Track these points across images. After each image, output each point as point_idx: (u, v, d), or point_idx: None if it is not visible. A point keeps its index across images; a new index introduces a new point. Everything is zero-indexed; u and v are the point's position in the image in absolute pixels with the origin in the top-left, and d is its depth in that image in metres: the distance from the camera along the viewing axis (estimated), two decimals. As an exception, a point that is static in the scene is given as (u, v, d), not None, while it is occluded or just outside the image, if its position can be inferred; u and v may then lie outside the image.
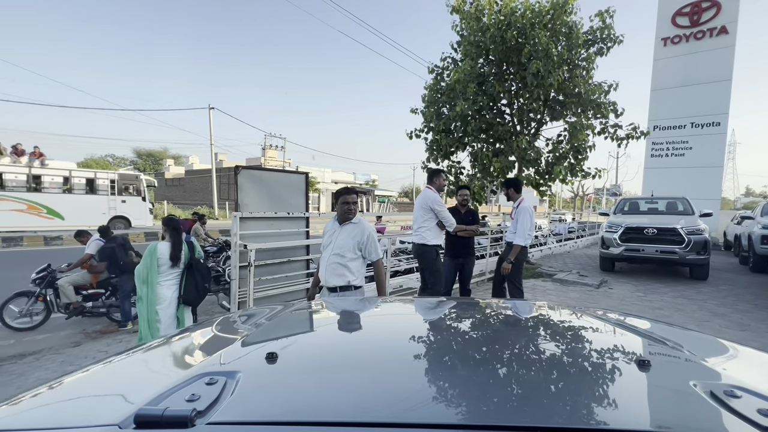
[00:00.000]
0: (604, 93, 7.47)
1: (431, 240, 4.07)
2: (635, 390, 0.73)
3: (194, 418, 0.55)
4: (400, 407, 0.65)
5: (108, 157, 59.90)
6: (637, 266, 9.10)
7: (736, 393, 0.66)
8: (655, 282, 7.51)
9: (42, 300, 5.20)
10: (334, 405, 0.66)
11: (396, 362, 0.87)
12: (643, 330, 1.15)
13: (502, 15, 7.32)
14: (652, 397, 0.71)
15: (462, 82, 7.40)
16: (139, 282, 3.68)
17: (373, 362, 0.89)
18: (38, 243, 14.01)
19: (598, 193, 44.31)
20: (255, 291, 4.16)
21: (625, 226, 7.94)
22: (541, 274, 8.16)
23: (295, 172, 4.87)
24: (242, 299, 4.07)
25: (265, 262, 4.22)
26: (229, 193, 35.76)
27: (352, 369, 0.84)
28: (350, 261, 2.83)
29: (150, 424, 0.56)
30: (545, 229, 14.94)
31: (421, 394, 0.70)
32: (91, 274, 5.38)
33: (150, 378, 0.81)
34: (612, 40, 7.46)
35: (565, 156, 7.64)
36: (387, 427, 0.57)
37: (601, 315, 1.32)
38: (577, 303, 5.89)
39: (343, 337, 1.12)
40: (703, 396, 0.67)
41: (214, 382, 0.68)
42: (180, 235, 3.83)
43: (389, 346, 1.01)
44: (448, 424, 0.59)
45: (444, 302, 1.63)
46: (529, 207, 4.48)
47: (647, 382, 0.76)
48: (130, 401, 0.65)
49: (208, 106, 27.53)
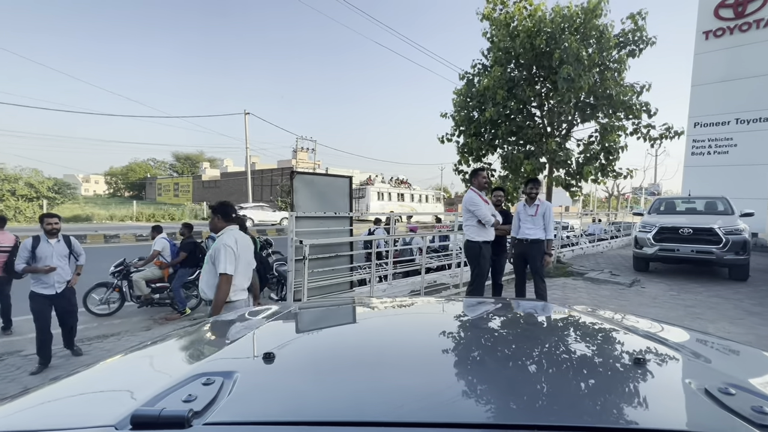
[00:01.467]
0: (636, 94, 7.52)
1: (474, 237, 4.44)
2: (631, 388, 0.73)
3: (191, 419, 0.55)
4: (396, 407, 0.65)
5: (149, 161, 63.82)
6: (672, 267, 9.00)
7: (731, 390, 0.66)
8: (690, 282, 7.47)
9: (118, 291, 6.03)
10: (331, 405, 0.67)
11: (392, 362, 0.88)
12: (640, 329, 1.17)
13: (531, 21, 7.54)
14: (648, 394, 0.71)
15: (492, 88, 7.69)
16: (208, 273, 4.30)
17: (369, 362, 0.90)
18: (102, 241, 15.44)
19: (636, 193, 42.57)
20: (308, 282, 4.69)
21: (660, 225, 7.92)
22: (572, 272, 8.29)
23: (340, 176, 5.39)
24: (296, 289, 4.61)
25: (316, 256, 4.75)
26: (262, 195, 37.29)
27: (349, 369, 0.85)
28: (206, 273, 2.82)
29: (147, 424, 0.56)
30: (577, 229, 14.79)
31: (418, 393, 0.71)
32: (162, 270, 6.17)
33: (147, 378, 0.81)
34: (644, 42, 7.50)
35: (595, 157, 7.75)
36: (384, 427, 0.57)
37: (599, 315, 1.33)
38: (605, 301, 6.06)
39: (340, 338, 1.13)
40: (698, 393, 0.68)
41: (211, 383, 0.68)
42: (246, 230, 4.42)
43: (386, 346, 1.02)
44: (445, 423, 0.59)
45: (442, 302, 1.66)
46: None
47: (643, 380, 0.76)
48: (126, 402, 0.65)
49: (243, 112, 28.90)
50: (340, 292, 5.24)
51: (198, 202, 36.22)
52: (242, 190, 33.69)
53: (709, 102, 15.35)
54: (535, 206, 4.71)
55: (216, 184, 44.75)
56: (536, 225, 4.71)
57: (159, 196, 51.69)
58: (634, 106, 7.53)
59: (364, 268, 6.16)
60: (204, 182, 46.31)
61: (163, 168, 63.96)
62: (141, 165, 61.76)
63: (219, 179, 45.36)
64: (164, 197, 50.28)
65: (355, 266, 5.60)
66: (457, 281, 6.50)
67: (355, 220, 5.63)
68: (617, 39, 7.54)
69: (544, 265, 4.71)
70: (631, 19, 7.56)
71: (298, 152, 36.57)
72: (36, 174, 22.90)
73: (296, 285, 4.60)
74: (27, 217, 20.21)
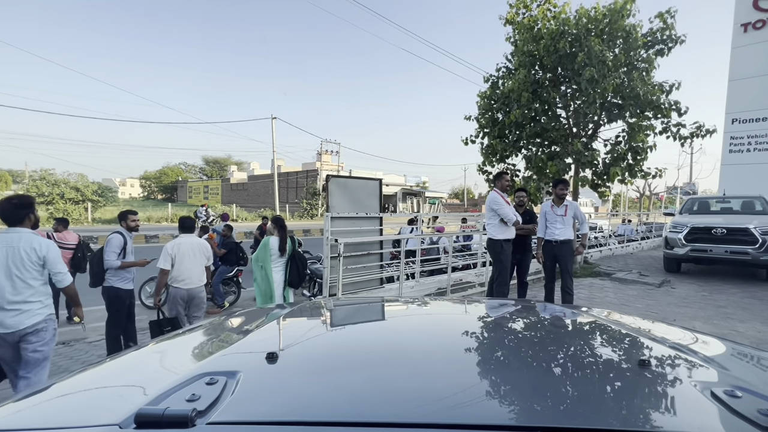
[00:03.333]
0: (665, 93, 7.44)
1: (496, 235, 4.67)
2: (637, 390, 0.73)
3: (194, 418, 0.56)
4: (399, 407, 0.66)
5: (181, 165, 66.70)
6: (705, 268, 8.80)
7: (737, 393, 0.66)
8: (724, 283, 7.32)
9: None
10: (333, 405, 0.67)
11: (395, 362, 0.89)
12: (650, 332, 1.17)
13: (555, 24, 7.60)
14: (655, 397, 0.70)
15: (516, 91, 7.81)
16: (256, 268, 4.69)
17: (372, 362, 0.90)
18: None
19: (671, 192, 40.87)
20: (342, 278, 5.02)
21: (691, 225, 7.79)
22: (599, 273, 8.26)
23: (371, 179, 5.70)
24: (332, 284, 4.94)
25: (350, 254, 5.07)
26: (288, 196, 38.30)
27: (352, 369, 0.85)
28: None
29: (150, 423, 0.56)
30: (606, 230, 14.51)
31: (421, 394, 0.71)
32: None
33: (150, 378, 0.81)
34: (673, 41, 7.42)
35: (622, 157, 7.71)
36: (386, 427, 0.58)
37: (605, 317, 1.33)
38: (632, 300, 6.07)
39: (343, 338, 1.13)
40: (704, 396, 0.67)
41: (215, 382, 0.69)
42: (285, 231, 4.80)
43: (389, 347, 1.03)
44: (449, 424, 0.59)
45: (446, 302, 1.67)
46: None
47: (649, 382, 0.76)
48: (130, 401, 0.65)
49: (270, 117, 29.80)
50: (371, 289, 5.54)
51: (227, 204, 37.57)
52: (268, 192, 34.74)
53: (747, 97, 14.69)
54: (563, 206, 4.84)
55: (243, 187, 46.27)
56: (566, 225, 4.83)
57: (190, 199, 53.95)
58: (663, 105, 7.45)
59: (392, 266, 6.44)
60: (232, 185, 47.99)
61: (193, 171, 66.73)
62: (173, 169, 64.68)
63: (246, 182, 46.87)
64: (194, 199, 52.41)
65: (385, 264, 5.89)
66: (482, 279, 6.67)
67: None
68: (645, 39, 7.49)
69: (575, 257, 4.84)
70: (660, 18, 7.50)
71: (323, 155, 37.31)
72: (81, 178, 24.53)
73: (331, 281, 4.93)
74: (74, 219, 21.68)
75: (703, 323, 4.84)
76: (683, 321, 4.96)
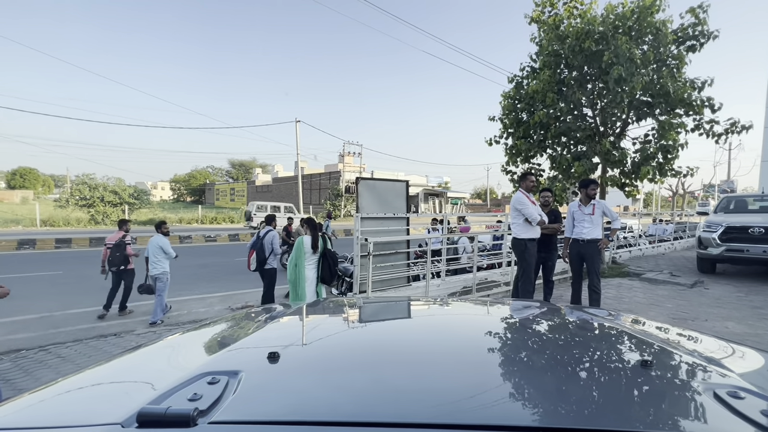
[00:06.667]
0: (696, 89, 7.26)
1: (520, 234, 4.75)
2: (640, 391, 0.73)
3: (196, 417, 0.56)
4: (401, 407, 0.65)
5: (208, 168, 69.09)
6: (742, 268, 8.49)
7: (740, 394, 0.66)
8: (762, 284, 7.07)
9: None
10: (335, 405, 0.67)
11: (398, 362, 0.89)
12: (650, 333, 1.17)
13: (582, 23, 7.55)
14: (657, 398, 0.70)
15: (541, 91, 7.80)
16: (290, 266, 4.97)
17: (374, 362, 0.90)
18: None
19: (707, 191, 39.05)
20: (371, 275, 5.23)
21: (726, 225, 7.56)
22: (628, 273, 8.13)
23: (398, 181, 5.89)
24: (361, 282, 5.16)
25: (378, 252, 5.27)
26: (311, 198, 39.03)
27: (354, 369, 0.85)
28: None
29: (152, 422, 0.57)
30: (636, 229, 14.13)
31: (423, 394, 0.71)
32: None
33: (152, 377, 0.81)
34: (705, 36, 7.23)
35: (652, 156, 7.57)
36: (389, 427, 0.58)
37: (610, 318, 1.33)
38: (662, 300, 5.99)
39: (345, 337, 1.12)
40: (707, 397, 0.67)
41: (216, 382, 0.69)
42: (317, 230, 5.06)
43: (391, 347, 1.03)
44: (451, 425, 0.59)
45: (448, 303, 1.64)
46: None
47: (653, 384, 0.76)
48: (132, 400, 0.65)
49: (294, 120, 30.49)
50: (398, 287, 5.72)
51: (253, 205, 38.64)
52: (292, 194, 35.50)
53: (790, 90, 13.98)
54: (591, 206, 4.88)
55: (268, 189, 47.44)
56: (594, 224, 4.86)
57: (217, 201, 55.81)
58: (695, 102, 7.26)
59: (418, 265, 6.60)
60: (257, 187, 49.29)
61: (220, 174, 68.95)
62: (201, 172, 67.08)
63: (271, 184, 48.04)
64: (221, 201, 54.19)
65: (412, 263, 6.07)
66: (507, 279, 6.73)
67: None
68: (675, 35, 7.33)
69: (602, 256, 4.86)
70: (692, 13, 7.32)
71: (345, 156, 37.82)
72: (119, 182, 25.91)
73: (361, 278, 5.15)
74: (112, 221, 22.95)
75: (737, 323, 4.76)
76: (716, 321, 4.88)
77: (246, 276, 9.14)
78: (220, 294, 7.41)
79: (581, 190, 5.02)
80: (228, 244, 16.75)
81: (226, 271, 10.18)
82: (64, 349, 4.56)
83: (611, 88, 6.90)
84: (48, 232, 17.75)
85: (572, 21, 7.86)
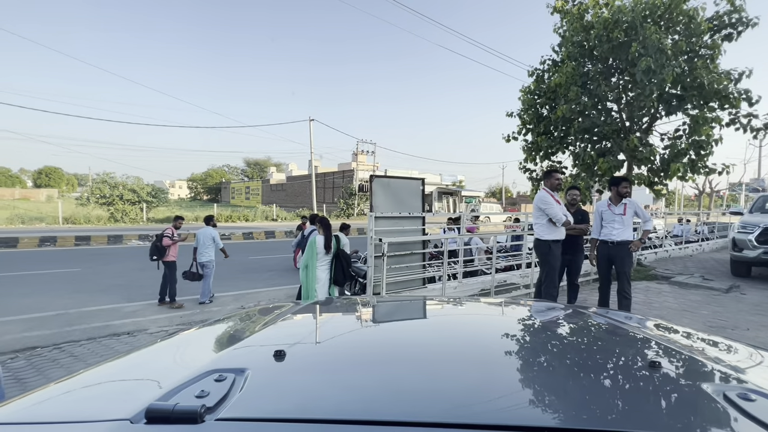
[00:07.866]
0: (733, 81, 6.79)
1: (543, 235, 4.47)
2: (650, 393, 0.73)
3: (203, 414, 0.57)
4: (408, 406, 0.65)
5: (224, 167, 70.17)
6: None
7: (751, 396, 0.66)
8: (805, 290, 6.59)
9: None
10: (341, 403, 0.67)
11: (404, 361, 0.89)
12: (661, 334, 1.16)
13: (609, 12, 7.17)
14: (668, 401, 0.70)
15: (564, 85, 7.44)
16: (302, 266, 4.82)
17: (381, 361, 0.90)
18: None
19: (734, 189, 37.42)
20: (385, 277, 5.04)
21: (764, 226, 7.10)
22: (655, 276, 7.73)
23: (413, 179, 5.67)
24: (375, 283, 4.98)
25: (393, 253, 5.08)
26: (324, 196, 39.10)
27: (360, 367, 0.86)
28: None
29: (160, 419, 0.57)
30: (661, 230, 13.56)
31: (429, 393, 0.71)
32: None
33: (161, 374, 0.82)
34: (744, 23, 6.75)
35: (684, 152, 7.12)
36: (395, 426, 0.58)
37: (619, 318, 1.31)
38: (696, 306, 5.62)
39: (351, 336, 1.12)
40: (717, 399, 0.67)
41: (223, 379, 0.70)
42: (330, 230, 4.89)
43: (397, 345, 1.03)
44: (457, 424, 0.59)
45: (453, 302, 1.63)
46: None
47: (663, 386, 0.76)
48: (140, 397, 0.66)
49: (308, 119, 30.54)
50: (413, 289, 5.52)
51: (267, 204, 39.00)
52: (306, 192, 35.60)
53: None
54: (622, 205, 4.55)
55: (282, 188, 47.81)
56: (625, 225, 4.54)
57: (232, 199, 56.59)
58: (731, 95, 6.80)
59: (433, 266, 6.39)
60: (272, 185, 49.74)
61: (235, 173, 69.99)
62: (217, 171, 68.22)
63: (285, 182, 48.39)
64: (237, 200, 54.90)
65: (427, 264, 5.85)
66: (527, 281, 6.45)
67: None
68: (710, 23, 6.87)
69: (633, 258, 4.56)
70: (727, 0, 6.86)
71: (359, 155, 37.71)
72: (137, 181, 26.43)
73: (375, 279, 4.97)
74: (131, 219, 23.43)
75: (782, 333, 4.39)
76: (757, 330, 4.52)
77: (259, 275, 9.14)
78: (233, 293, 7.36)
79: (612, 188, 4.70)
80: (242, 242, 16.84)
81: (239, 269, 10.16)
82: (78, 347, 4.54)
83: (639, 80, 6.50)
84: (69, 230, 18.18)
85: (598, 11, 7.47)
